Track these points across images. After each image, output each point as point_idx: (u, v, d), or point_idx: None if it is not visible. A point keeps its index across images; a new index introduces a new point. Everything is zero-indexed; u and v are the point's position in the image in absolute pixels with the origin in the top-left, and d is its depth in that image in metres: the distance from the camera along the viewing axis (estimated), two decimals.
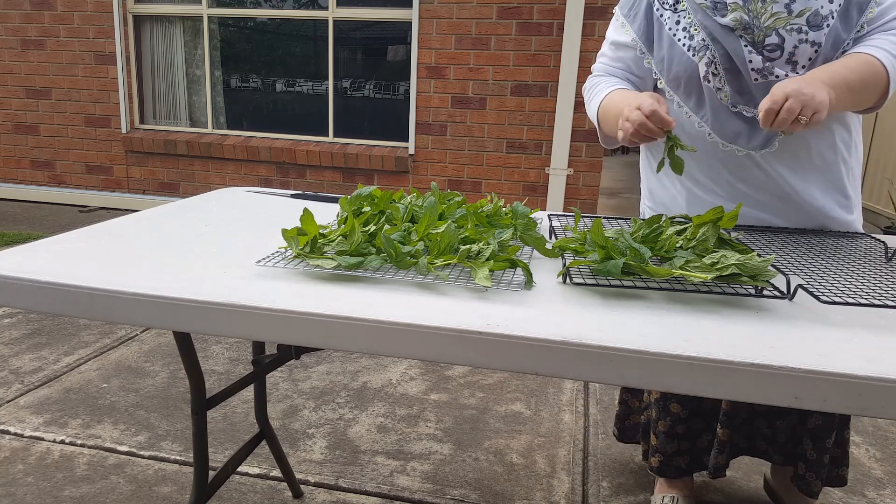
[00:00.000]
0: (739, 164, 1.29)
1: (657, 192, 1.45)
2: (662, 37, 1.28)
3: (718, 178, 1.31)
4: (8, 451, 1.87)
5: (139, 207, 5.06)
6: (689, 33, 1.24)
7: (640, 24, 1.32)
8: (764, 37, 1.18)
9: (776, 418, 1.53)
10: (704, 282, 0.89)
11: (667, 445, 1.57)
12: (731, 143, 1.26)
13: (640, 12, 1.32)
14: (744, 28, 1.19)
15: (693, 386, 0.68)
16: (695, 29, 1.23)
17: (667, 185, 1.41)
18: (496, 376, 2.44)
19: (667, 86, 1.31)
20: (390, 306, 0.79)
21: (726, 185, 1.31)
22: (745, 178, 1.29)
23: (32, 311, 0.87)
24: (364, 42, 4.79)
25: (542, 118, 4.40)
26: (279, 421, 2.07)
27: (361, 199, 1.17)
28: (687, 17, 1.25)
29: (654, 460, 1.61)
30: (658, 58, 1.30)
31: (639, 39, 1.32)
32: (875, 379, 0.64)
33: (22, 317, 2.88)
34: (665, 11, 1.28)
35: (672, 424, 1.56)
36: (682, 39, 1.25)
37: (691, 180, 1.35)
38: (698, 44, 1.23)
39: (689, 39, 1.24)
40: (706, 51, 1.22)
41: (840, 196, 1.32)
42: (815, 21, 1.16)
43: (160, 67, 5.15)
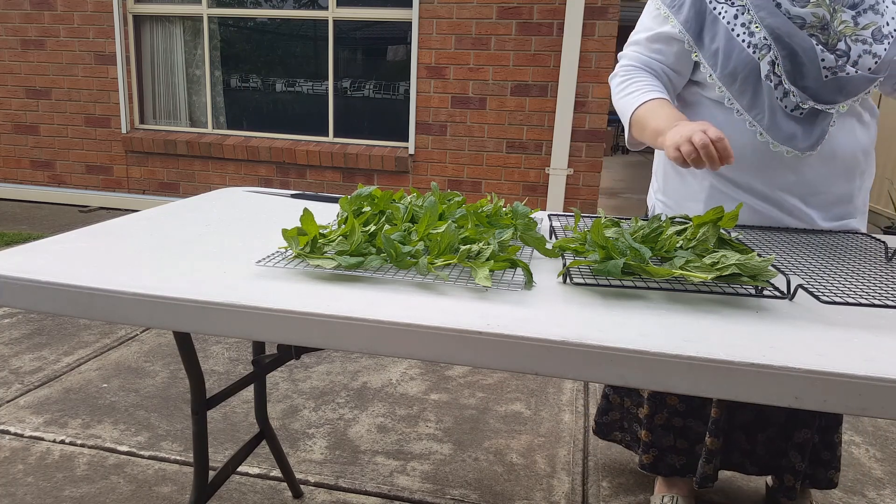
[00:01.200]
0: (768, 165, 1.28)
1: (675, 188, 1.44)
2: (718, 30, 1.25)
3: (745, 177, 1.31)
4: (8, 451, 1.87)
5: (139, 207, 5.06)
6: (749, 30, 1.22)
7: (686, 16, 1.27)
8: (837, 40, 1.18)
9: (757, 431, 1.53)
10: (704, 282, 0.89)
11: (662, 439, 1.57)
12: (784, 145, 1.25)
13: (686, 3, 1.28)
14: (821, 27, 1.18)
15: (693, 386, 0.68)
16: (755, 26, 1.21)
17: (689, 181, 1.40)
18: (496, 376, 2.44)
19: (718, 81, 1.27)
20: (390, 306, 0.79)
21: (751, 185, 1.31)
22: (773, 178, 1.29)
23: (32, 311, 0.87)
24: (364, 42, 4.79)
25: (542, 118, 4.40)
26: (279, 421, 2.07)
27: (361, 199, 1.17)
28: (746, 12, 1.22)
29: (646, 457, 1.61)
30: (711, 51, 1.26)
31: (686, 32, 1.28)
32: (875, 379, 0.64)
33: (22, 317, 2.88)
34: (720, 5, 1.25)
35: (669, 417, 1.56)
36: (740, 35, 1.23)
37: (716, 177, 1.34)
38: (760, 42, 1.21)
39: (750, 36, 1.22)
40: (769, 50, 1.20)
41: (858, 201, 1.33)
42: (878, 36, 1.19)
43: (160, 67, 5.15)
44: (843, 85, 1.19)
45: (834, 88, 1.20)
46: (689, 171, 1.39)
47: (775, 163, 1.28)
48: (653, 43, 1.34)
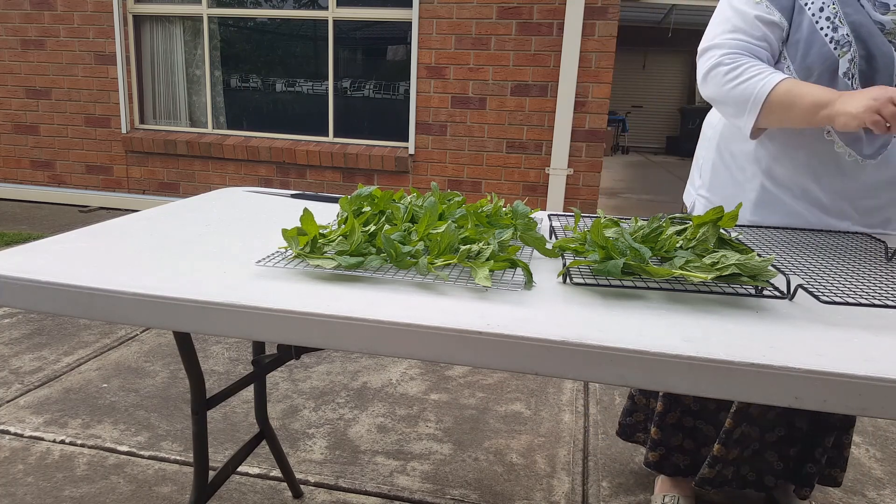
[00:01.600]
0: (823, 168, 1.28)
1: (723, 184, 1.42)
2: (803, 21, 1.23)
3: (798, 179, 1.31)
4: (8, 451, 1.87)
5: (139, 207, 5.06)
6: (833, 24, 1.20)
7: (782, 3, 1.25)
8: None
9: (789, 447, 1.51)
10: (704, 282, 0.89)
11: (671, 438, 1.57)
12: (848, 147, 1.24)
13: None
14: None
15: (693, 386, 0.68)
16: (839, 21, 1.20)
17: (738, 179, 1.39)
18: (496, 376, 2.44)
19: (795, 73, 1.25)
20: (390, 306, 0.79)
21: (805, 188, 1.31)
22: (828, 183, 1.29)
23: (32, 311, 0.87)
24: (364, 42, 4.79)
25: (542, 118, 4.40)
26: (279, 421, 2.07)
27: (361, 199, 1.17)
28: (832, 6, 1.21)
29: (652, 455, 1.61)
30: (793, 41, 1.24)
31: (785, 20, 1.24)
32: (875, 379, 0.64)
33: (22, 317, 2.88)
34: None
35: (681, 416, 1.56)
36: (824, 28, 1.21)
37: (767, 177, 1.34)
38: (842, 38, 1.19)
39: (833, 31, 1.20)
40: (850, 47, 1.19)
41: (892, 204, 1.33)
42: None
43: (160, 67, 5.15)
44: None
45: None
46: (739, 168, 1.38)
47: (832, 168, 1.27)
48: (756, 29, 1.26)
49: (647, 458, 1.64)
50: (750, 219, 1.38)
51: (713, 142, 1.47)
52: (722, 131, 1.45)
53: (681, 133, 13.11)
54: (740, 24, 1.27)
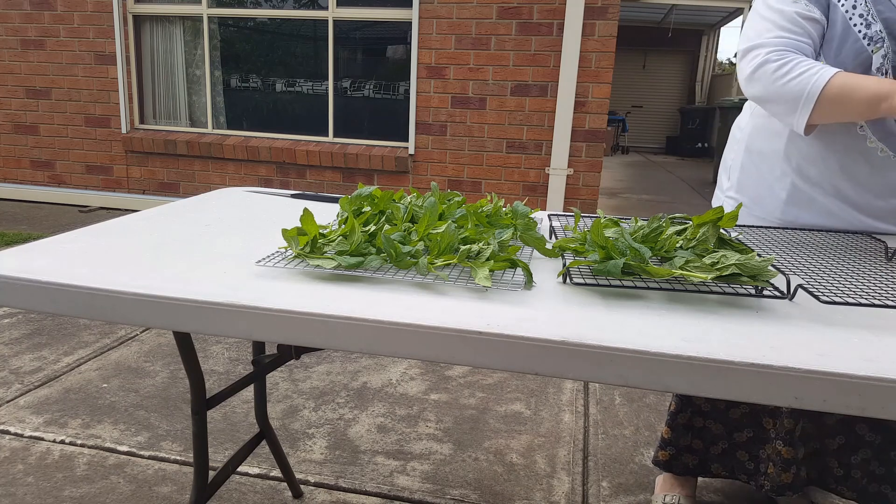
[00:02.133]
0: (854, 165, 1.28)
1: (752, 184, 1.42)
2: (837, 18, 1.23)
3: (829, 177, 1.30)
4: (8, 451, 1.87)
5: (139, 207, 5.06)
6: (867, 21, 1.20)
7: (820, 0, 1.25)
8: None
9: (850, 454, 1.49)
10: (704, 282, 0.89)
11: (680, 438, 1.58)
12: (881, 142, 1.24)
13: None
14: None
15: (693, 386, 0.68)
16: (872, 18, 1.20)
17: (767, 178, 1.39)
18: (496, 376, 2.44)
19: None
20: (390, 306, 0.79)
21: (833, 186, 1.30)
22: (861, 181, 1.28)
23: (32, 311, 0.87)
24: (364, 42, 4.79)
25: (542, 118, 4.40)
26: (279, 421, 2.07)
27: (362, 199, 1.17)
28: (864, 3, 1.21)
29: (662, 454, 1.62)
30: (827, 37, 1.24)
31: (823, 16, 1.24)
32: (875, 379, 0.64)
33: (22, 317, 2.88)
34: None
35: (692, 417, 1.56)
36: (857, 25, 1.21)
37: (798, 175, 1.34)
38: (875, 34, 1.19)
39: (866, 28, 1.20)
40: (883, 43, 1.19)
41: None
42: None
43: (160, 67, 5.15)
44: None
45: None
46: (769, 166, 1.38)
47: (864, 165, 1.27)
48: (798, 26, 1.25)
49: (656, 456, 1.64)
50: (781, 217, 1.37)
51: (742, 143, 1.46)
52: (751, 132, 1.44)
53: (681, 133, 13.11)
54: (782, 22, 1.26)
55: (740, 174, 1.45)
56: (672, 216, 1.19)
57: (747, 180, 1.43)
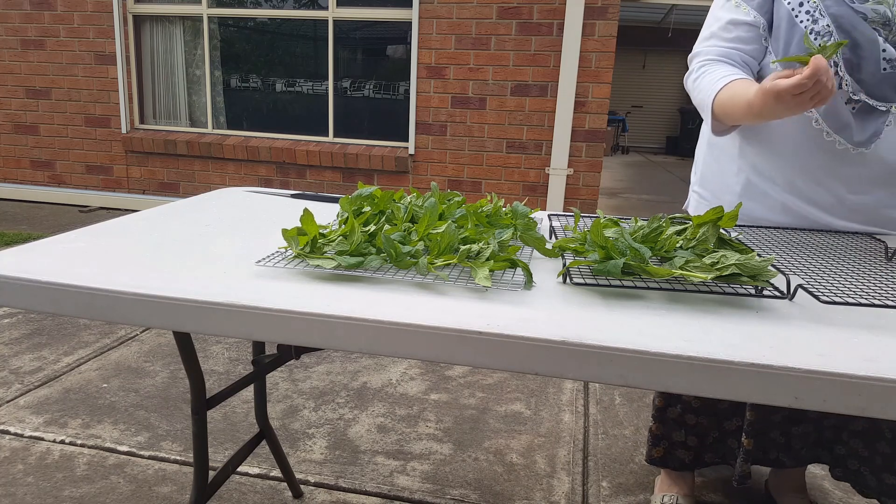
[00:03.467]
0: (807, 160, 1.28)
1: (712, 180, 1.44)
2: (782, 16, 1.25)
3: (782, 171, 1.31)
4: (8, 451, 1.87)
5: (139, 207, 5.06)
6: (813, 17, 1.22)
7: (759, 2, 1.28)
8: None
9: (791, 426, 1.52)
10: (704, 282, 0.89)
11: (673, 433, 1.58)
12: (837, 134, 1.25)
13: None
14: (882, 23, 1.18)
15: (693, 386, 0.68)
16: (820, 14, 1.21)
17: (726, 174, 1.40)
18: (496, 376, 2.44)
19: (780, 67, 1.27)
20: (390, 306, 0.79)
21: (788, 180, 1.31)
22: (812, 174, 1.29)
23: (32, 311, 0.87)
24: (364, 42, 4.79)
25: (542, 118, 4.40)
26: (279, 421, 2.07)
27: (362, 199, 1.17)
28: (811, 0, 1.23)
29: (656, 451, 1.62)
30: (774, 36, 1.27)
31: (761, 17, 1.27)
32: (875, 379, 0.64)
33: (22, 317, 2.88)
34: None
35: (682, 413, 1.56)
36: (804, 22, 1.23)
37: (753, 171, 1.35)
38: (822, 29, 1.20)
39: (813, 23, 1.22)
40: (830, 37, 1.20)
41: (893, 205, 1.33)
42: None
43: (160, 67, 5.15)
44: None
45: (889, 85, 1.19)
46: (727, 161, 1.40)
47: (821, 159, 1.27)
48: (728, 32, 1.31)
49: (650, 454, 1.64)
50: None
51: (705, 138, 1.49)
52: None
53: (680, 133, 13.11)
54: (714, 30, 1.34)
55: (703, 169, 1.49)
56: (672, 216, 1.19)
57: (709, 174, 1.46)
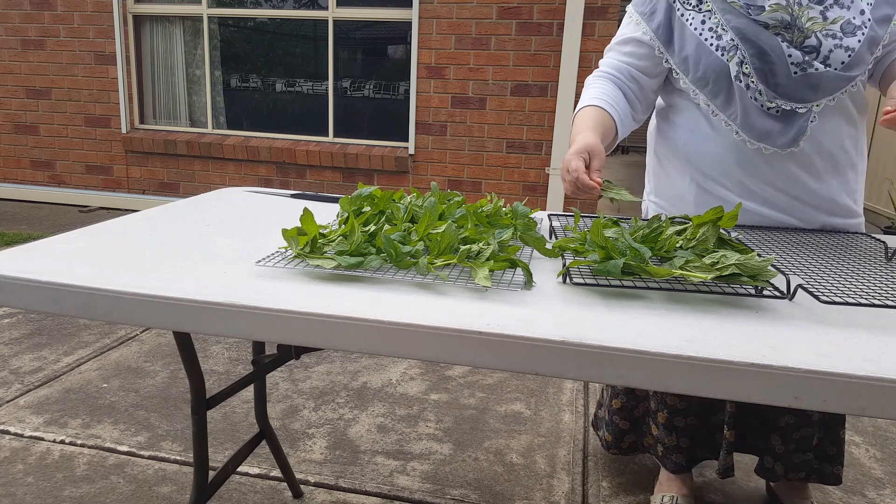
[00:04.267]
0: (752, 161, 1.29)
1: (664, 188, 1.45)
2: (686, 37, 1.28)
3: (729, 175, 1.31)
4: (8, 451, 1.87)
5: (139, 207, 5.06)
6: (717, 33, 1.24)
7: (658, 23, 1.30)
8: (804, 38, 1.19)
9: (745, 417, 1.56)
10: (704, 282, 0.89)
11: (665, 438, 1.59)
12: (760, 142, 1.26)
13: (658, 11, 1.31)
14: (784, 27, 1.19)
15: (693, 386, 0.68)
16: (722, 29, 1.23)
17: (676, 181, 1.41)
18: (496, 376, 2.44)
19: (691, 84, 1.30)
20: (390, 306, 0.79)
21: (737, 182, 1.31)
22: (757, 175, 1.29)
23: (32, 311, 0.87)
24: (364, 42, 4.79)
25: (542, 118, 4.40)
26: (279, 421, 2.07)
27: (362, 199, 1.17)
28: (713, 16, 1.25)
29: (660, 448, 1.63)
30: (681, 57, 1.29)
31: (657, 39, 1.31)
32: (875, 379, 0.64)
33: (22, 317, 2.88)
34: (687, 11, 1.28)
35: (670, 417, 1.57)
36: (709, 39, 1.25)
37: (702, 176, 1.35)
38: (727, 43, 1.23)
39: (717, 39, 1.24)
40: (736, 51, 1.22)
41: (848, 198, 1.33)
42: (848, 29, 1.20)
43: (160, 67, 5.15)
44: (816, 82, 1.20)
45: (806, 86, 1.20)
46: (676, 170, 1.41)
47: (758, 161, 1.28)
48: (624, 46, 1.37)
49: (656, 452, 1.66)
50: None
51: (651, 147, 1.50)
52: (655, 137, 1.48)
53: None
54: (614, 44, 1.39)
55: (655, 179, 1.49)
56: (672, 216, 1.19)
57: (661, 184, 1.46)
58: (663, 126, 1.44)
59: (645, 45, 1.33)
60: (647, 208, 1.54)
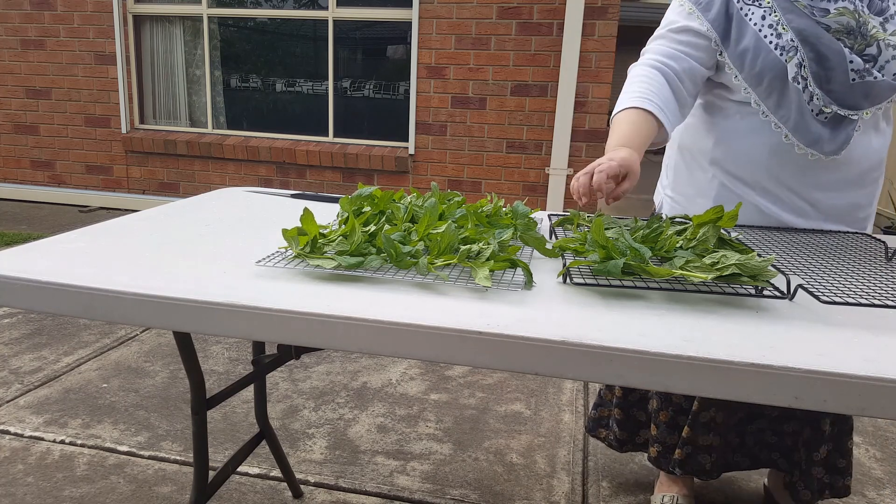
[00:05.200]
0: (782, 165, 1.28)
1: (684, 183, 1.44)
2: (745, 32, 1.25)
3: (757, 176, 1.31)
4: (8, 451, 1.87)
5: (139, 207, 5.06)
6: (777, 31, 1.22)
7: (715, 15, 1.27)
8: (865, 45, 1.18)
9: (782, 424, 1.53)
10: (704, 282, 0.89)
11: (667, 437, 1.58)
12: (809, 147, 1.25)
13: (715, 2, 1.27)
14: (847, 32, 1.18)
15: (693, 386, 0.68)
16: (783, 28, 1.21)
17: (698, 178, 1.40)
18: (496, 376, 2.44)
19: (744, 81, 1.27)
20: (390, 306, 0.79)
21: (762, 184, 1.31)
22: (787, 181, 1.29)
23: (32, 311, 0.87)
24: (364, 42, 4.79)
25: (542, 118, 4.40)
26: (279, 421, 2.07)
27: (362, 199, 1.17)
28: (773, 14, 1.23)
29: (652, 450, 1.62)
30: (738, 52, 1.26)
31: (714, 31, 1.27)
32: (875, 379, 0.64)
33: (22, 317, 2.88)
34: (747, 6, 1.25)
35: (674, 416, 1.56)
36: (768, 36, 1.23)
37: (727, 175, 1.34)
38: (787, 43, 1.21)
39: (777, 38, 1.22)
40: (796, 52, 1.20)
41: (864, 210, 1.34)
42: None
43: (160, 67, 5.15)
44: (869, 90, 1.19)
45: (860, 93, 1.19)
46: (700, 167, 1.40)
47: (791, 166, 1.28)
48: (679, 35, 1.31)
49: (649, 453, 1.65)
50: None
51: (675, 142, 1.49)
52: (682, 132, 1.46)
53: None
54: (666, 31, 1.34)
55: (675, 174, 1.48)
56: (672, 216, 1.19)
57: (681, 180, 1.45)
58: (692, 121, 1.42)
59: (702, 35, 1.29)
60: (660, 202, 1.53)
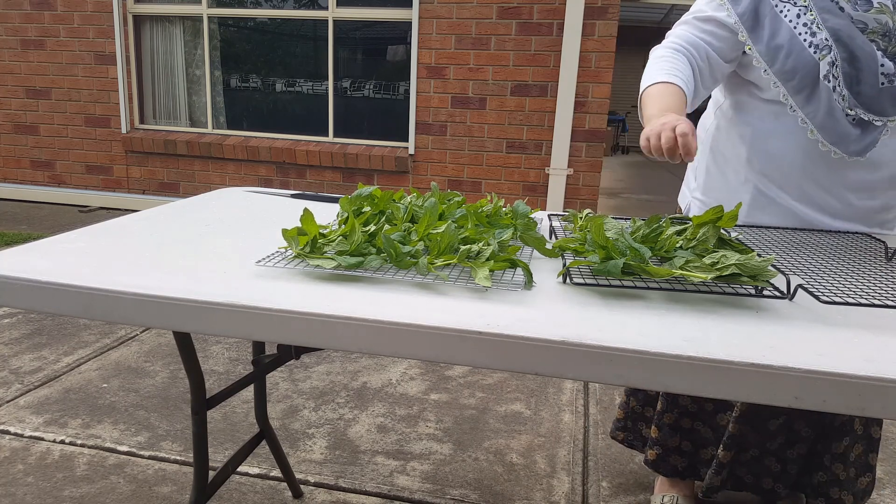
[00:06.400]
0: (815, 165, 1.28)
1: (716, 187, 1.43)
2: (780, 28, 1.24)
3: (790, 177, 1.31)
4: (8, 451, 1.87)
5: (139, 207, 5.06)
6: (811, 30, 1.22)
7: (745, 9, 1.27)
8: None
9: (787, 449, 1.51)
10: (704, 282, 0.89)
11: (668, 439, 1.57)
12: (833, 146, 1.24)
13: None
14: (882, 33, 1.18)
15: (693, 386, 0.68)
16: (818, 27, 1.21)
17: (731, 181, 1.40)
18: (496, 376, 2.44)
19: (774, 75, 1.26)
20: (390, 306, 0.79)
21: (796, 186, 1.31)
22: (820, 182, 1.29)
23: (32, 311, 0.87)
24: (364, 42, 4.79)
25: (542, 118, 4.40)
26: (279, 421, 2.07)
27: (362, 199, 1.17)
28: (809, 13, 1.22)
29: (650, 453, 1.61)
30: (770, 46, 1.25)
31: (741, 24, 1.27)
32: (875, 379, 0.64)
33: (22, 317, 2.88)
34: (782, 3, 1.25)
35: (678, 418, 1.56)
36: (802, 34, 1.22)
37: (760, 178, 1.34)
38: (821, 42, 1.20)
39: (811, 36, 1.22)
40: (829, 51, 1.19)
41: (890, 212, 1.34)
42: None
43: (160, 67, 5.15)
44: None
45: (888, 98, 1.19)
46: (733, 170, 1.39)
47: (821, 165, 1.27)
48: (704, 24, 1.32)
49: (646, 456, 1.64)
50: (745, 220, 1.39)
51: (706, 144, 1.48)
52: (714, 134, 1.46)
53: None
54: (692, 18, 1.34)
55: (706, 177, 1.47)
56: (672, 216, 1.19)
57: (712, 183, 1.45)
58: (724, 124, 1.41)
59: (727, 27, 1.29)
60: (688, 204, 1.52)
